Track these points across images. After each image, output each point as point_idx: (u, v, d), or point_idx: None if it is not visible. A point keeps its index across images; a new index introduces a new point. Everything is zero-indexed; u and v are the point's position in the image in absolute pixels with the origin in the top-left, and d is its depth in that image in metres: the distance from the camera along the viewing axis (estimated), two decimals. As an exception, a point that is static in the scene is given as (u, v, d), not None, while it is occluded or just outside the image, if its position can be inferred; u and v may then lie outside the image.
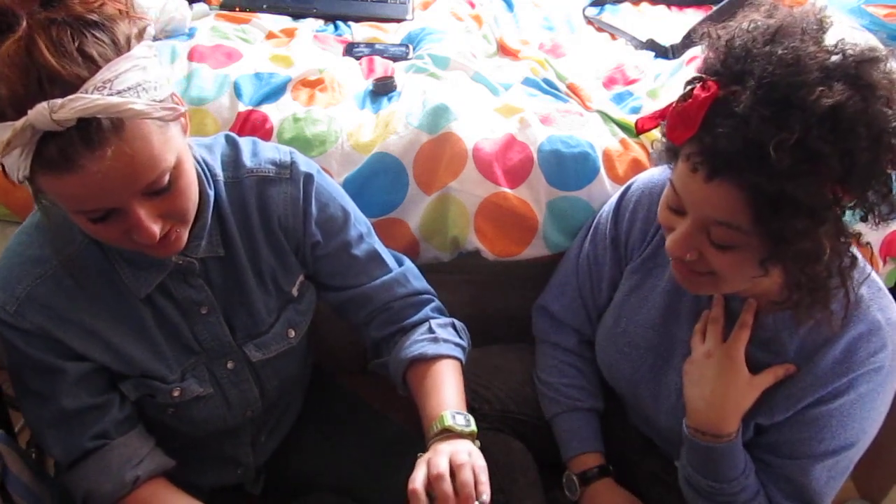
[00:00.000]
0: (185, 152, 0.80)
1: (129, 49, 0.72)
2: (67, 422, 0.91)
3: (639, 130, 0.88)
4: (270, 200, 0.96)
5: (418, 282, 1.11)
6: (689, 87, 0.79)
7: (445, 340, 1.04)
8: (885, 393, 0.93)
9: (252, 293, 0.98)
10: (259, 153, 0.97)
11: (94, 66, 0.69)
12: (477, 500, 0.84)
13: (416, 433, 1.02)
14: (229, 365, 1.00)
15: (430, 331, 1.05)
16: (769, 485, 0.98)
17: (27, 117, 0.66)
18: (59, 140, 0.67)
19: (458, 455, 0.86)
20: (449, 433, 0.92)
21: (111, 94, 0.68)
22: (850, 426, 0.93)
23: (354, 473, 1.13)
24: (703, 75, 0.79)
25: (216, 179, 0.93)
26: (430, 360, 1.02)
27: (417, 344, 1.03)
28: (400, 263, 1.11)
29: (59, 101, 0.66)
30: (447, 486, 0.83)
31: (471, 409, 1.15)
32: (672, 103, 0.81)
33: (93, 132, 0.68)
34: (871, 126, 0.71)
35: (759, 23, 0.78)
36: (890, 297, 0.94)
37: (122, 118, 0.69)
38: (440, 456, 0.86)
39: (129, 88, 0.70)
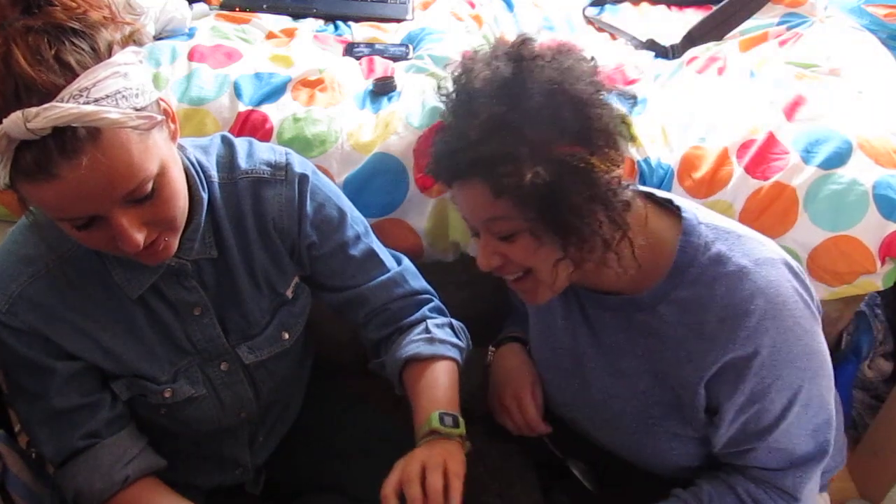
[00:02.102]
0: (172, 160, 0.80)
1: (109, 56, 0.72)
2: (58, 420, 0.91)
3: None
4: (265, 202, 0.96)
5: (416, 281, 1.11)
6: None
7: (441, 341, 1.04)
8: (795, 327, 0.89)
9: (245, 295, 0.98)
10: (254, 154, 0.97)
11: (70, 74, 0.68)
12: None
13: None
14: (223, 366, 1.00)
15: (427, 331, 1.05)
16: (754, 466, 0.96)
17: (2, 126, 0.66)
18: (35, 149, 0.68)
19: (430, 459, 0.87)
20: (436, 434, 0.92)
21: (87, 103, 0.68)
22: (785, 375, 0.89)
23: (354, 473, 1.13)
24: None
25: (210, 181, 0.92)
26: (425, 360, 1.02)
27: (413, 344, 1.03)
28: (398, 263, 1.11)
29: (33, 109, 0.66)
30: (415, 489, 0.84)
31: (468, 411, 1.15)
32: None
33: (68, 141, 0.68)
34: (531, 82, 0.82)
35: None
36: (755, 238, 0.93)
37: (94, 132, 0.69)
38: (413, 461, 0.87)
39: (108, 96, 0.70)
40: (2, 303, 0.86)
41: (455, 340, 1.07)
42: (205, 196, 0.90)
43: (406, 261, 1.13)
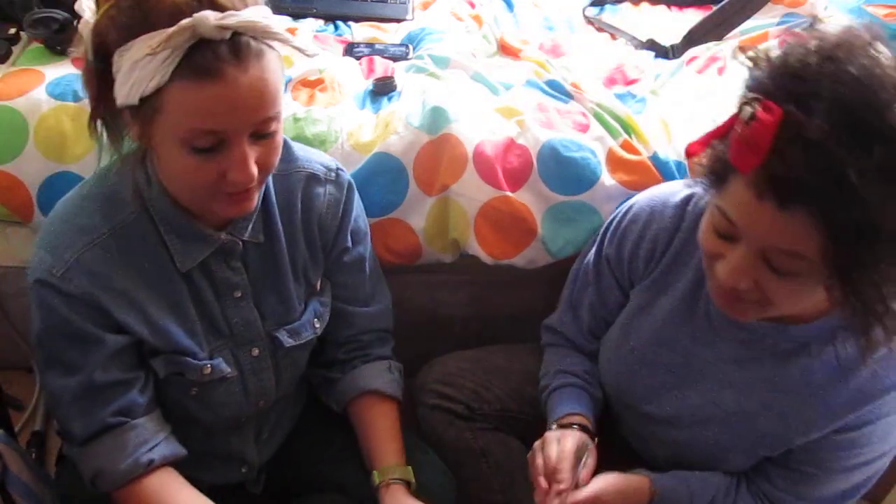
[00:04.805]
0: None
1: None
2: (93, 395, 0.91)
3: (689, 155, 0.83)
4: (316, 198, 1.02)
5: (391, 318, 1.19)
6: (747, 110, 0.73)
7: (399, 384, 1.14)
8: None
9: (287, 281, 1.01)
10: (308, 153, 1.04)
11: (244, 5, 0.76)
12: None
13: (416, 434, 1.03)
14: (254, 352, 1.02)
15: (390, 370, 1.15)
16: (780, 477, 0.97)
17: (191, 19, 0.71)
18: (210, 49, 0.73)
19: None
20: (407, 486, 1.04)
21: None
22: (889, 439, 0.92)
23: (355, 474, 1.13)
24: (758, 95, 0.73)
25: None
26: (383, 397, 1.11)
27: (377, 379, 1.12)
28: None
29: (221, 13, 0.73)
30: None
31: (470, 409, 1.15)
32: (720, 126, 0.78)
33: (242, 49, 0.75)
34: None
35: (812, 40, 0.73)
36: None
37: (261, 49, 0.77)
38: None
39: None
40: (57, 268, 0.87)
41: (402, 385, 1.15)
42: (265, 181, 0.94)
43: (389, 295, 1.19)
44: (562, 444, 0.99)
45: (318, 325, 1.07)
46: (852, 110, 0.68)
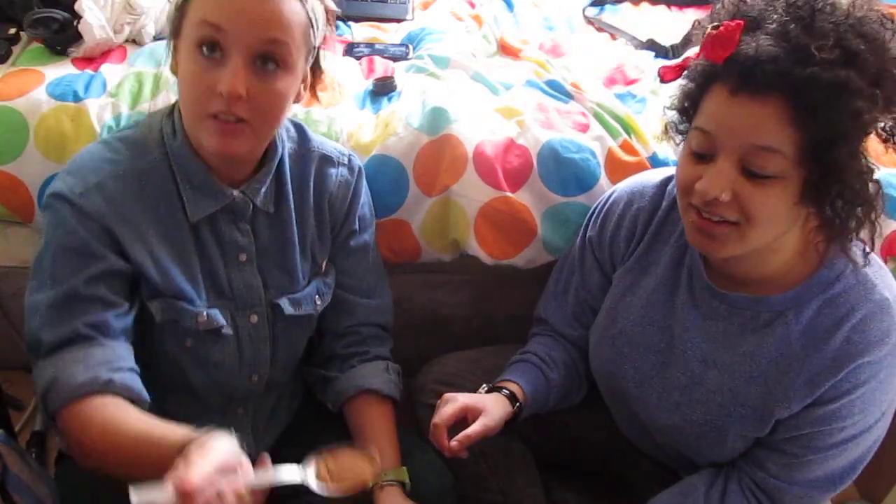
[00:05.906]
0: (298, 79, 0.91)
1: None
2: (70, 304, 0.89)
3: (663, 79, 0.91)
4: (328, 179, 1.07)
5: (391, 316, 1.19)
6: (710, 26, 0.82)
7: (397, 385, 1.14)
8: None
9: (294, 255, 1.04)
10: (322, 139, 1.10)
11: None
12: None
13: (416, 433, 1.03)
14: (253, 319, 1.03)
15: (388, 370, 1.14)
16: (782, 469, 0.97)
17: None
18: None
19: None
20: (402, 487, 1.04)
21: None
22: (871, 410, 0.92)
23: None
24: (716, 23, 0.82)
25: (284, 146, 1.02)
26: (381, 396, 1.11)
27: (376, 378, 1.12)
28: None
29: None
30: None
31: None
32: (689, 57, 0.88)
33: None
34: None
35: None
36: (891, 274, 0.94)
37: None
38: None
39: None
40: (78, 187, 0.90)
41: (400, 386, 1.15)
42: (279, 152, 1.00)
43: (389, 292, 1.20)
44: (460, 398, 1.02)
45: (319, 303, 1.09)
46: (802, 9, 0.78)
